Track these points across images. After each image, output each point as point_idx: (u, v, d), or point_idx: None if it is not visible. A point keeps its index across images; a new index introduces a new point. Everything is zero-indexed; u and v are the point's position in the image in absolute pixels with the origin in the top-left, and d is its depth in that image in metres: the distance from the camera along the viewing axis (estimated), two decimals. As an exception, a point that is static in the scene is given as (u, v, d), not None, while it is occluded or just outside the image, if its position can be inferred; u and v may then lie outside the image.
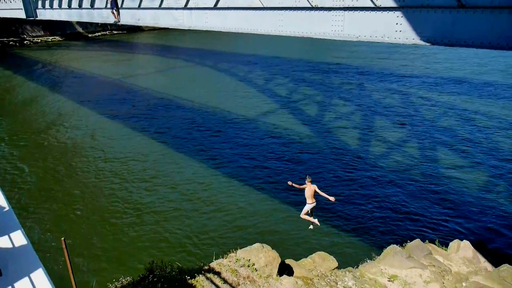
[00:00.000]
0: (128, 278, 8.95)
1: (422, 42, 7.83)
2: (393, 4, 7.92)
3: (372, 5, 8.27)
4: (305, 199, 9.86)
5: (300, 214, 10.32)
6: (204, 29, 14.37)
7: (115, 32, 76.87)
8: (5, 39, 64.66)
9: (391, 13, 8.13)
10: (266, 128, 24.53)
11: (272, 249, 10.00)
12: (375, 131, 23.55)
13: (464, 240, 12.05)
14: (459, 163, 19.36)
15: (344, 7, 8.94)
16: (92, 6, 19.56)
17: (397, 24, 8.08)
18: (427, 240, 12.61)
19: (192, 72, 42.82)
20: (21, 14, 26.14)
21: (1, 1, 29.23)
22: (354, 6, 8.70)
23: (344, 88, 32.96)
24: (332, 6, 9.13)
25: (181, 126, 25.19)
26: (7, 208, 3.92)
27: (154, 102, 30.73)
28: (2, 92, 36.86)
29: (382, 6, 8.11)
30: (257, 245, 10.12)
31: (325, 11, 9.45)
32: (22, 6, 25.26)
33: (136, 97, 32.35)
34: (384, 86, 33.00)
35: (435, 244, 12.43)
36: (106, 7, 18.35)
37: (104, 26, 74.08)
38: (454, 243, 12.05)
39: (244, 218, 15.17)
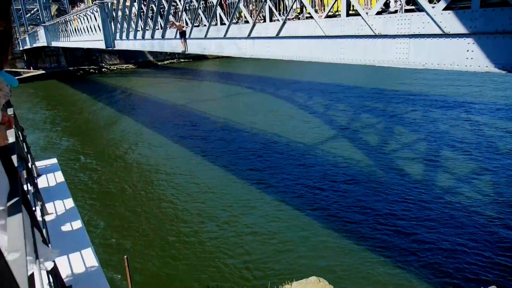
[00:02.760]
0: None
1: (496, 70, 7.32)
2: (464, 31, 7.53)
3: (440, 32, 7.92)
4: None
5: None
6: (265, 58, 14.73)
7: (182, 60, 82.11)
8: (86, 67, 73.59)
9: (461, 39, 7.71)
10: (325, 155, 24.12)
11: (329, 284, 9.60)
12: (441, 163, 22.09)
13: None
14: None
15: (409, 34, 8.65)
16: (163, 37, 21.04)
17: (468, 51, 7.64)
18: None
19: (253, 98, 43.84)
20: (102, 45, 28.86)
21: (86, 33, 32.48)
22: (420, 33, 8.39)
23: (407, 116, 31.61)
24: (397, 33, 8.89)
25: (242, 151, 25.65)
26: (80, 225, 4.20)
27: (218, 127, 31.81)
28: (87, 115, 40.73)
29: (452, 32, 7.74)
30: (313, 278, 9.79)
31: (389, 39, 9.20)
32: (102, 38, 27.92)
33: (201, 122, 33.76)
34: (450, 114, 31.15)
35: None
36: (175, 38, 19.61)
37: (172, 55, 79.68)
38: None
39: (300, 249, 14.81)
